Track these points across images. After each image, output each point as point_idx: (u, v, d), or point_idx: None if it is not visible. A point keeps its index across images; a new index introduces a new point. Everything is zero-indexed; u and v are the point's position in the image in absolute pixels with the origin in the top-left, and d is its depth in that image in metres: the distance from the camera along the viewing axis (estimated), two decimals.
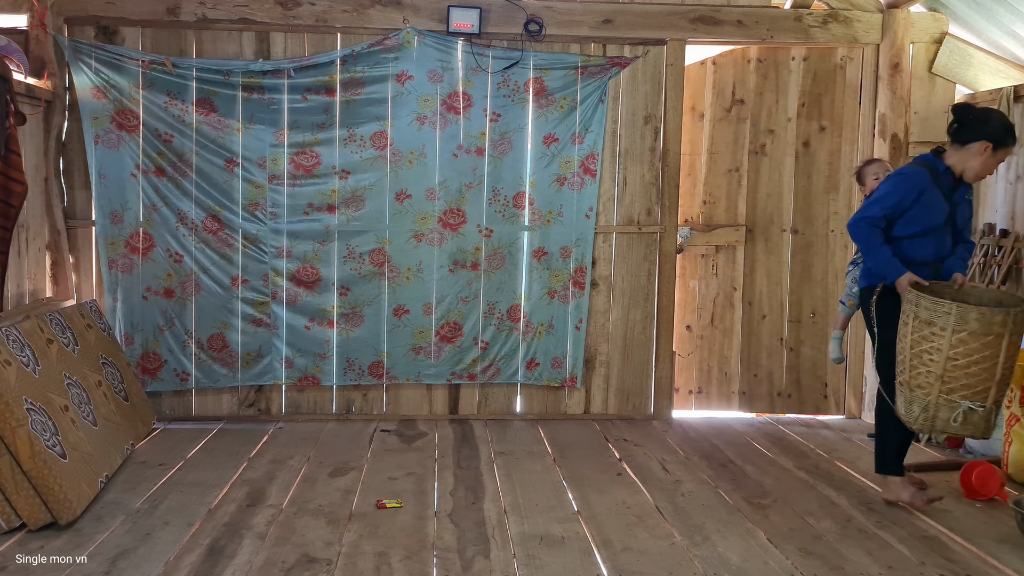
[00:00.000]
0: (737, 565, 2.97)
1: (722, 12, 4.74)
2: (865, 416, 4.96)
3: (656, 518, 3.40)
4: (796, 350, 5.02)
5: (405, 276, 4.74)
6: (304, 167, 4.63)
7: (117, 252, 4.57)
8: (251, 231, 4.64)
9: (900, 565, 2.99)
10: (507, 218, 4.78)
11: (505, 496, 3.63)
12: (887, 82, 4.80)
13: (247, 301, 4.67)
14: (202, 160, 4.57)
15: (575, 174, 4.77)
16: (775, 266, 4.98)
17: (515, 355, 4.85)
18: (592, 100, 4.73)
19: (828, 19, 4.79)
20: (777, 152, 4.94)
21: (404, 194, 4.70)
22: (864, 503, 3.60)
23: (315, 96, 4.59)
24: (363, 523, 3.29)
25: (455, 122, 4.69)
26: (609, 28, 4.69)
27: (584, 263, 4.81)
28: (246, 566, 2.89)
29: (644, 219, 4.86)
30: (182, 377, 4.67)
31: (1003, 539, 3.22)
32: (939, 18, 4.81)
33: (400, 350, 4.78)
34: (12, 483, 3.09)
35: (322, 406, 4.83)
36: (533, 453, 4.26)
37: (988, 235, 4.65)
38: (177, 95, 4.53)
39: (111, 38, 4.53)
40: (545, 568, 2.92)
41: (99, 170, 4.52)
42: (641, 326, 4.91)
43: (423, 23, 4.61)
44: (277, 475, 3.85)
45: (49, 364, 3.50)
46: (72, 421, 3.44)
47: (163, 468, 3.90)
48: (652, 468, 4.05)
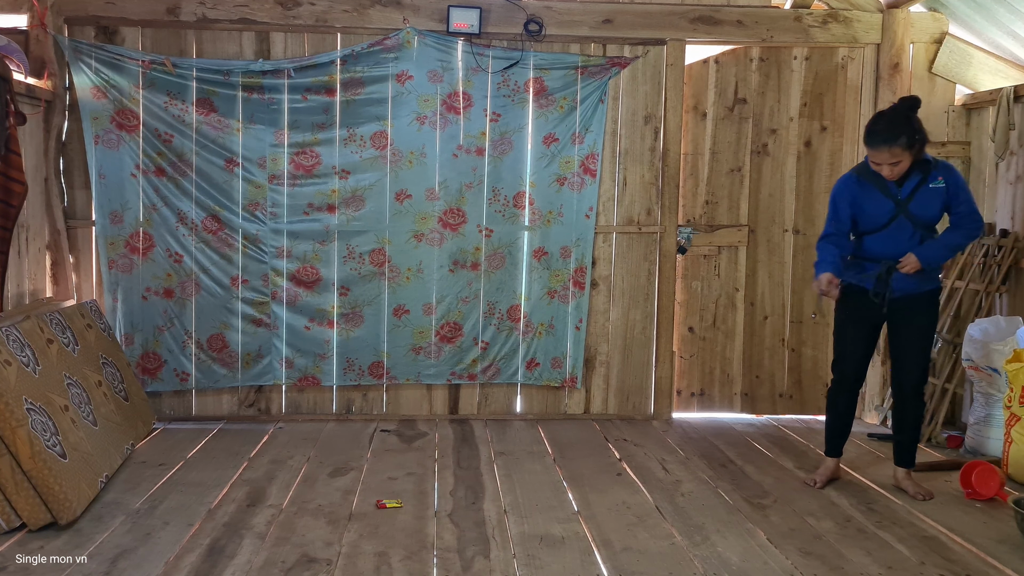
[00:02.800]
0: (737, 565, 2.97)
1: (722, 12, 4.74)
2: (865, 416, 4.96)
3: (656, 518, 3.40)
4: (797, 351, 5.01)
5: (405, 276, 4.74)
6: (304, 167, 4.63)
7: (117, 252, 4.57)
8: (251, 231, 4.64)
9: (900, 565, 2.99)
10: (507, 218, 4.78)
11: (505, 496, 3.63)
12: (887, 82, 4.80)
13: (247, 301, 4.67)
14: (202, 160, 4.57)
15: (575, 174, 4.77)
16: (777, 266, 4.97)
17: (515, 355, 4.85)
18: (592, 100, 4.73)
19: (828, 19, 4.79)
20: (779, 152, 4.93)
21: (404, 194, 4.70)
22: (864, 503, 3.60)
23: (315, 96, 4.59)
24: (363, 523, 3.29)
25: (455, 122, 4.69)
26: (609, 28, 4.69)
27: (584, 263, 4.81)
28: (246, 566, 2.89)
29: (644, 219, 4.86)
30: (182, 377, 4.67)
31: (1003, 539, 3.22)
32: (939, 18, 4.81)
33: (400, 350, 4.78)
34: (12, 483, 3.09)
35: (322, 406, 4.83)
36: (533, 453, 4.26)
37: (988, 235, 4.65)
38: (177, 95, 4.53)
39: (111, 38, 4.53)
40: (545, 568, 2.92)
41: (99, 170, 4.52)
42: (641, 326, 4.91)
43: (423, 23, 4.61)
44: (277, 475, 3.85)
45: (49, 364, 3.50)
46: (72, 421, 3.44)
47: (163, 468, 3.90)
48: (652, 468, 4.05)
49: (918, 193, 3.48)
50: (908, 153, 3.37)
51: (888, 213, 3.51)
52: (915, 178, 3.48)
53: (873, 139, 3.40)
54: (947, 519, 3.42)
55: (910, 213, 3.48)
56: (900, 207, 3.49)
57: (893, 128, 3.36)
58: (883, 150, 3.38)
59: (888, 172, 3.43)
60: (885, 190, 3.50)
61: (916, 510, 3.51)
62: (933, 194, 3.48)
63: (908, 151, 3.37)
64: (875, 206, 3.53)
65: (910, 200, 3.48)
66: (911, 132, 3.36)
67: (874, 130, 3.41)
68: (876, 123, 3.43)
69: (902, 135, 3.34)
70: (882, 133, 3.38)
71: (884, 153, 3.38)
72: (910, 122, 3.38)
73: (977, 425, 4.22)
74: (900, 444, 3.73)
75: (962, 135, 4.91)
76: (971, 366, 4.22)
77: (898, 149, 3.36)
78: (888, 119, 3.41)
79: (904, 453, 3.73)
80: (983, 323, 4.25)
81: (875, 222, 3.55)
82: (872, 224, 3.56)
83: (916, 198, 3.48)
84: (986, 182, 4.75)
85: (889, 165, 3.40)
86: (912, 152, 3.39)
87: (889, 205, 3.50)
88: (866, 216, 3.57)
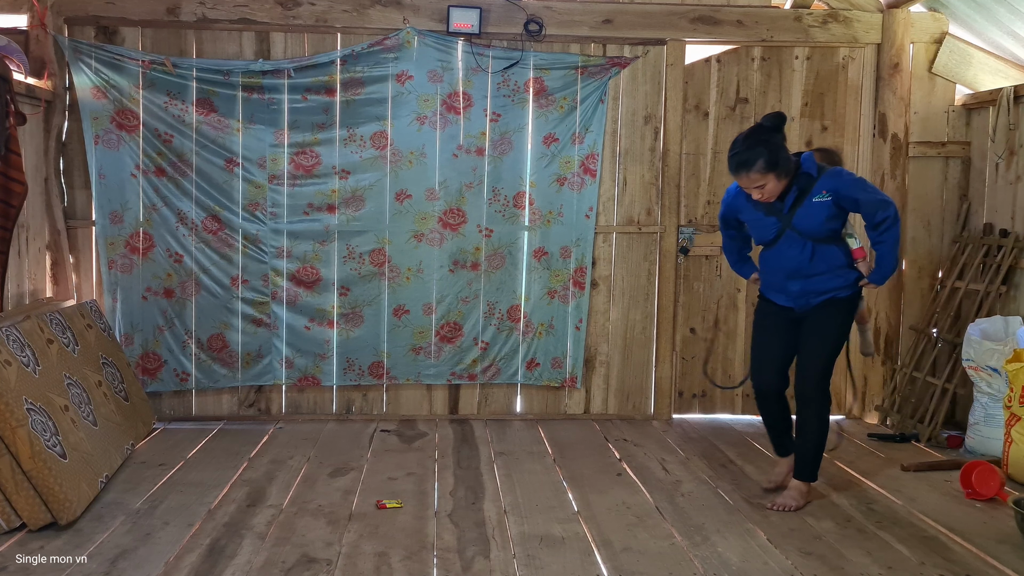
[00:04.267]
0: (737, 565, 2.97)
1: (722, 12, 4.74)
2: (866, 417, 4.95)
3: (656, 518, 3.40)
4: None
5: (405, 276, 4.74)
6: (304, 167, 4.63)
7: (117, 252, 4.57)
8: (251, 231, 4.64)
9: (900, 565, 2.99)
10: (507, 218, 4.78)
11: (505, 496, 3.63)
12: (887, 82, 4.80)
13: (247, 301, 4.67)
14: (202, 160, 4.57)
15: (575, 174, 4.77)
16: None
17: (515, 355, 4.85)
18: (592, 100, 4.73)
19: (828, 19, 4.79)
20: None
21: (404, 194, 4.70)
22: (864, 503, 3.60)
23: (315, 96, 4.59)
24: (363, 523, 3.29)
25: (455, 122, 4.69)
26: (609, 28, 4.69)
27: (584, 263, 4.81)
28: (246, 566, 2.89)
29: (644, 219, 4.86)
30: (182, 377, 4.67)
31: (1003, 539, 3.22)
32: (939, 18, 4.81)
33: (400, 350, 4.78)
34: (12, 483, 3.09)
35: (322, 406, 4.83)
36: (533, 453, 4.25)
37: (988, 235, 4.65)
38: (177, 95, 4.53)
39: (111, 38, 4.53)
40: (545, 568, 2.92)
41: (99, 170, 4.52)
42: (641, 326, 4.91)
43: (423, 23, 4.61)
44: (277, 475, 3.85)
45: (49, 364, 3.50)
46: (72, 421, 3.44)
47: (163, 468, 3.90)
48: (652, 468, 4.05)
49: (800, 208, 3.33)
50: (771, 175, 3.21)
51: (774, 229, 3.40)
52: (794, 193, 3.32)
53: (729, 164, 3.28)
54: (947, 519, 3.42)
55: (795, 227, 3.36)
56: (784, 222, 3.37)
57: (749, 152, 3.20)
58: (741, 176, 3.24)
59: (757, 195, 3.30)
60: (767, 206, 3.38)
61: (916, 510, 3.51)
62: (817, 208, 3.31)
63: (770, 173, 3.21)
64: (761, 221, 3.43)
65: (792, 215, 3.35)
66: (769, 154, 3.19)
67: (730, 155, 3.27)
68: (733, 147, 3.27)
69: (759, 159, 3.18)
70: (737, 158, 3.23)
71: (744, 178, 3.25)
72: (769, 143, 3.20)
73: (977, 425, 4.22)
74: (799, 455, 3.56)
75: (962, 135, 4.91)
76: (971, 366, 4.22)
77: (756, 174, 3.20)
78: (744, 143, 3.24)
79: (801, 463, 3.54)
80: (983, 323, 4.25)
81: (764, 236, 3.46)
82: (762, 238, 3.48)
83: (799, 213, 3.33)
84: (986, 182, 4.75)
85: (755, 189, 3.26)
86: (777, 173, 3.22)
87: (772, 222, 3.40)
88: (756, 230, 3.49)
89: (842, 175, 3.34)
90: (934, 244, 4.98)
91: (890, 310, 4.92)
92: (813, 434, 3.51)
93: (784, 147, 3.28)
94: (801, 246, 3.38)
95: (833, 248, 3.39)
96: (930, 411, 4.52)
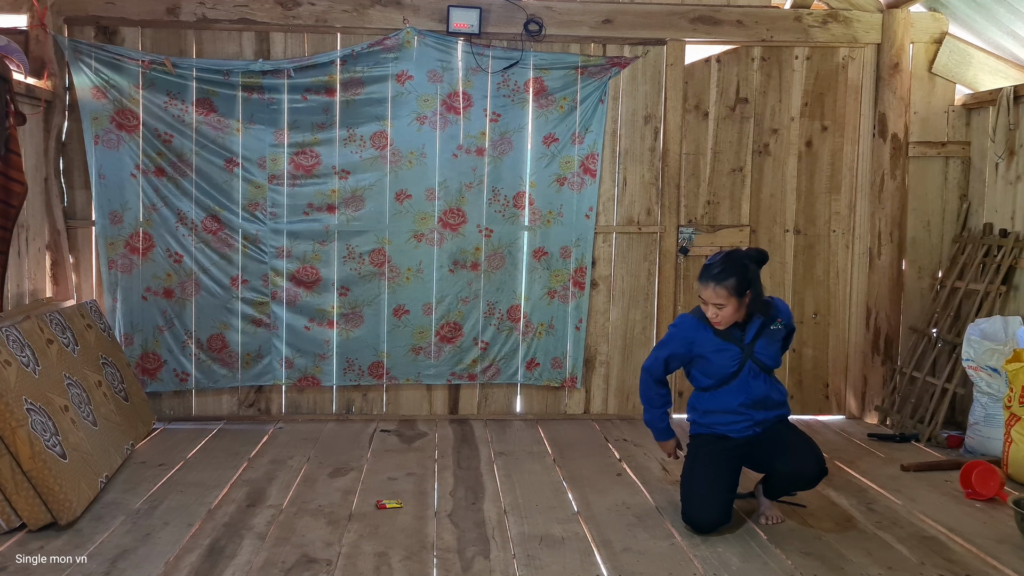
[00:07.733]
0: (737, 565, 2.97)
1: (722, 12, 4.74)
2: (866, 417, 4.96)
3: (656, 518, 3.40)
4: (798, 351, 5.01)
5: (405, 276, 4.74)
6: (304, 167, 4.63)
7: (117, 252, 4.57)
8: (251, 231, 4.64)
9: (900, 565, 2.99)
10: (507, 218, 4.78)
11: (505, 496, 3.63)
12: (887, 82, 4.80)
13: (247, 301, 4.67)
14: (202, 160, 4.57)
15: (575, 174, 4.77)
16: (778, 267, 4.97)
17: (515, 355, 4.85)
18: (592, 100, 4.73)
19: (828, 19, 4.79)
20: (780, 152, 4.93)
21: (404, 194, 4.70)
22: (864, 503, 3.60)
23: (315, 96, 4.59)
24: (363, 523, 3.29)
25: (455, 122, 4.69)
26: (609, 28, 4.69)
27: (584, 263, 4.81)
28: (246, 566, 2.89)
29: (644, 219, 4.86)
30: (182, 377, 4.67)
31: (1003, 539, 3.22)
32: (939, 18, 4.81)
33: (400, 350, 4.78)
34: (12, 483, 3.09)
35: (322, 406, 4.83)
36: (533, 453, 4.25)
37: (988, 235, 4.65)
38: (177, 95, 4.53)
39: (111, 38, 4.53)
40: (545, 568, 2.92)
41: (99, 170, 4.52)
42: (641, 326, 4.91)
43: (423, 23, 4.61)
44: (277, 475, 3.85)
45: (49, 364, 3.50)
46: (72, 421, 3.44)
47: (163, 468, 3.90)
48: (652, 468, 4.05)
49: (762, 337, 3.34)
50: (734, 299, 3.21)
51: (736, 359, 3.33)
52: (757, 320, 3.33)
53: (703, 273, 3.29)
54: (947, 519, 3.42)
55: (756, 358, 3.33)
56: (746, 352, 3.33)
57: (727, 268, 3.22)
58: (709, 286, 3.24)
59: (712, 313, 3.28)
60: (727, 335, 3.33)
61: (916, 510, 3.51)
62: (773, 336, 3.36)
63: (734, 297, 3.21)
64: (721, 353, 3.33)
65: (754, 344, 3.33)
66: (742, 279, 3.21)
67: (707, 264, 3.30)
68: (713, 258, 3.31)
69: (732, 277, 3.19)
70: (714, 268, 3.25)
71: (709, 290, 3.24)
72: (746, 270, 3.23)
73: (977, 425, 4.22)
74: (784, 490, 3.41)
75: (962, 135, 4.91)
76: (971, 366, 4.22)
77: (723, 291, 3.20)
78: (725, 259, 3.27)
79: (777, 492, 3.42)
80: (983, 323, 4.25)
81: (725, 370, 3.34)
82: (722, 373, 3.34)
83: (759, 342, 3.33)
84: (986, 182, 4.75)
85: (714, 305, 3.25)
86: (739, 301, 3.23)
87: (736, 351, 3.33)
88: (714, 366, 3.34)
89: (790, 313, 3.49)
90: (934, 244, 4.98)
91: (890, 310, 4.92)
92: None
93: (758, 281, 3.30)
94: (763, 378, 3.35)
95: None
96: (930, 411, 4.52)
